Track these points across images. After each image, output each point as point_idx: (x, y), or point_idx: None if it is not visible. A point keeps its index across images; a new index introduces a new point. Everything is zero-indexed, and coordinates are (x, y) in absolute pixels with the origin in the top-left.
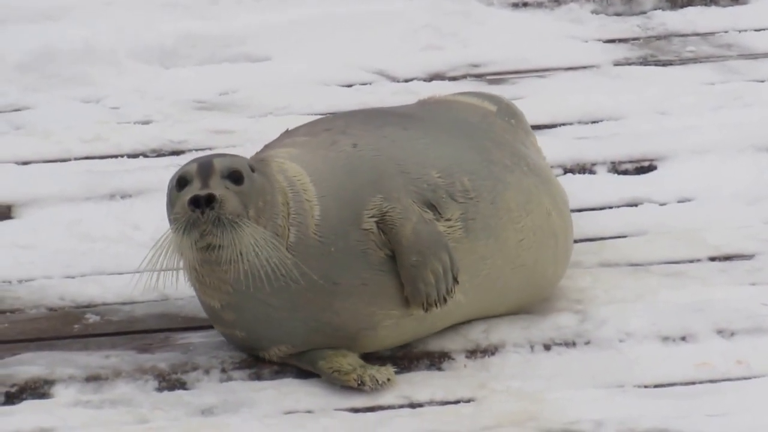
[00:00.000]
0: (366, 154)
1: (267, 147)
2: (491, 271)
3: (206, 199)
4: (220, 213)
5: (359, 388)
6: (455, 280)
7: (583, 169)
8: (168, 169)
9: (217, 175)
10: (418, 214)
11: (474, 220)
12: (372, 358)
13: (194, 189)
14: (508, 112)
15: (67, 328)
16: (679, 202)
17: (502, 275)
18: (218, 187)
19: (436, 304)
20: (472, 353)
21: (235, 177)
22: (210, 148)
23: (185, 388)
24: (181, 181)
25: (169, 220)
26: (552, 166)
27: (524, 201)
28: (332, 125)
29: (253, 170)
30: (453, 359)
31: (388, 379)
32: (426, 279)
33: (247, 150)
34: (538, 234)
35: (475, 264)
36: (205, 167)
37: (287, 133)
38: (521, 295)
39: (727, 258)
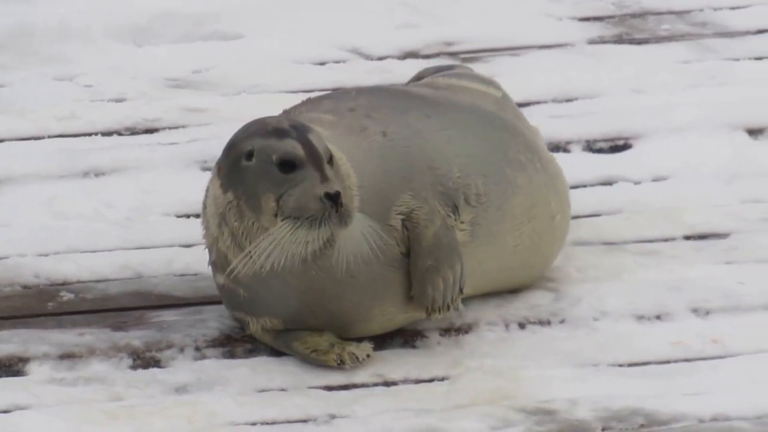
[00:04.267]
0: (397, 144)
1: (285, 113)
2: (482, 274)
3: (334, 198)
4: (344, 210)
5: (339, 366)
6: (461, 291)
7: (558, 147)
8: (141, 147)
9: (323, 163)
10: (442, 217)
11: (480, 225)
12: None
13: (313, 179)
14: (507, 97)
15: (42, 305)
16: (654, 180)
17: (489, 276)
18: (334, 178)
19: (439, 311)
20: (446, 331)
21: (331, 160)
22: (183, 126)
23: (159, 366)
24: (287, 164)
25: (257, 194)
26: None
27: (530, 205)
28: (356, 104)
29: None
30: (427, 337)
31: (368, 356)
32: (436, 284)
33: (219, 129)
34: (535, 240)
35: (472, 267)
36: (314, 152)
37: (307, 106)
38: (500, 287)
39: (703, 237)
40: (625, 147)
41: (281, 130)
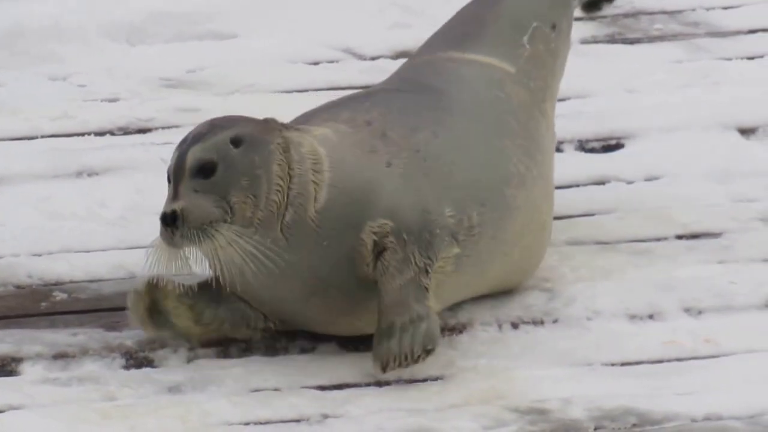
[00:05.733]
0: (396, 176)
1: (307, 115)
2: (466, 293)
3: (171, 217)
4: (185, 228)
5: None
6: (427, 352)
7: None
8: (135, 147)
9: (187, 177)
10: (415, 270)
11: (468, 257)
12: (337, 336)
13: (167, 198)
14: (540, 34)
15: (35, 305)
16: (646, 180)
17: (474, 289)
18: (185, 194)
19: (398, 366)
20: (440, 331)
21: (205, 170)
22: (177, 126)
23: (153, 366)
24: (168, 176)
25: None
26: None
27: (526, 223)
28: (372, 117)
29: (239, 144)
30: None
31: None
32: (391, 348)
33: None
34: (525, 254)
35: (454, 290)
36: (178, 166)
37: (327, 113)
38: (488, 293)
39: (695, 236)
40: (618, 147)
41: (184, 138)
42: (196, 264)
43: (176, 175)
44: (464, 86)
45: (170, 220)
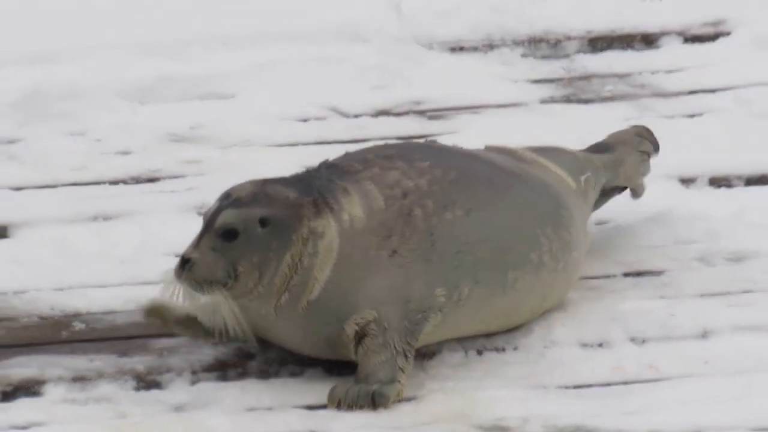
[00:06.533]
0: (395, 261)
1: (365, 156)
2: (438, 339)
3: (184, 261)
4: (188, 277)
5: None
6: (373, 407)
7: None
8: (144, 194)
9: (212, 234)
10: (393, 354)
11: (446, 321)
12: (322, 362)
13: (193, 240)
14: (586, 193)
15: (56, 334)
16: (597, 224)
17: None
18: (203, 248)
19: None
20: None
21: (228, 235)
22: (182, 176)
23: (160, 388)
24: (203, 220)
25: None
26: None
27: (517, 303)
28: (414, 186)
29: (265, 224)
30: None
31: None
32: (350, 394)
33: (214, 179)
34: (501, 325)
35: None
36: (211, 220)
37: (379, 169)
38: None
39: (640, 274)
40: None
41: (227, 193)
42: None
43: (206, 227)
44: (535, 176)
45: (183, 263)
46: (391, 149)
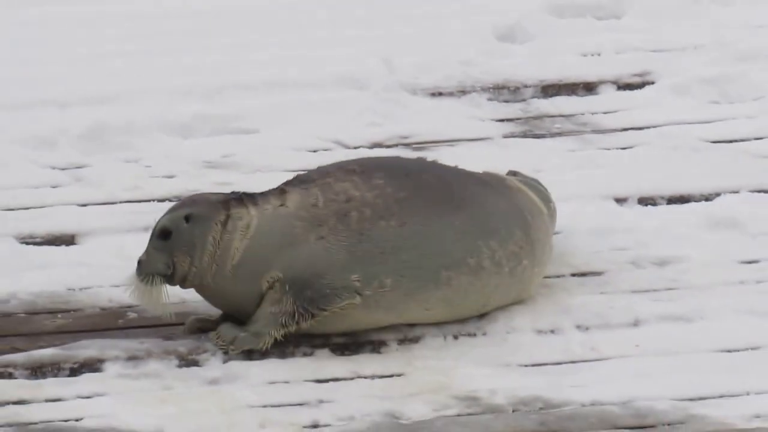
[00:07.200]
0: (321, 244)
1: (326, 170)
2: (384, 322)
3: (138, 262)
4: (138, 274)
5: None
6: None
7: None
8: None
9: (154, 237)
10: (281, 309)
11: (377, 302)
12: (330, 344)
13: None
14: (552, 216)
15: (114, 322)
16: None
17: (392, 322)
18: (149, 249)
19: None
20: (402, 341)
21: (163, 235)
22: None
23: (198, 365)
24: None
25: None
26: None
27: (450, 297)
28: (352, 197)
29: (188, 220)
30: (388, 345)
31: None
32: (223, 332)
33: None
34: (448, 313)
35: (366, 320)
36: (154, 228)
37: (335, 174)
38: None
39: (584, 274)
40: None
41: (168, 210)
42: (157, 295)
43: (151, 234)
44: (493, 194)
45: (138, 264)
46: (355, 164)
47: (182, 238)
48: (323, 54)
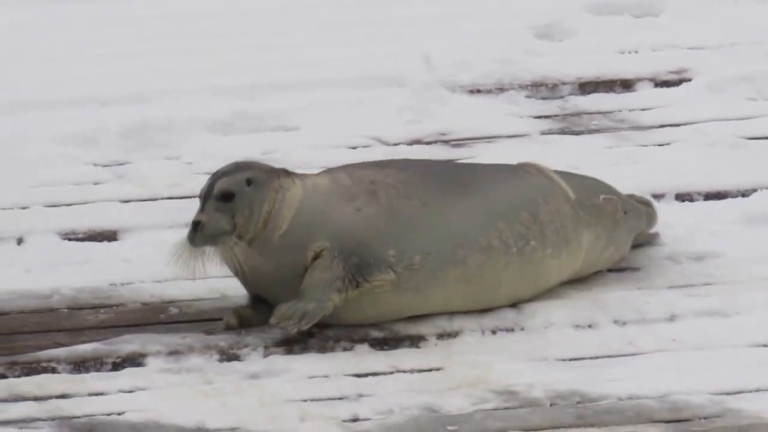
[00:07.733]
0: (360, 215)
1: (354, 164)
2: (409, 310)
3: (196, 224)
4: (201, 235)
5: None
6: (307, 324)
7: None
8: None
9: (213, 199)
10: (332, 275)
11: (407, 283)
12: (369, 339)
13: (197, 210)
14: (587, 206)
15: (156, 317)
16: None
17: (416, 310)
18: (208, 211)
19: (286, 324)
20: (441, 336)
21: (225, 197)
22: None
23: (239, 360)
24: (200, 196)
25: None
26: None
27: (469, 275)
28: (375, 180)
29: (250, 183)
30: (427, 340)
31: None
32: (287, 313)
33: None
34: (478, 291)
35: (396, 306)
36: (209, 190)
37: (364, 165)
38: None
39: (621, 270)
40: None
41: (216, 172)
42: (206, 263)
43: (206, 196)
44: (508, 181)
45: (195, 226)
46: (367, 162)
47: (244, 199)
48: (362, 52)
